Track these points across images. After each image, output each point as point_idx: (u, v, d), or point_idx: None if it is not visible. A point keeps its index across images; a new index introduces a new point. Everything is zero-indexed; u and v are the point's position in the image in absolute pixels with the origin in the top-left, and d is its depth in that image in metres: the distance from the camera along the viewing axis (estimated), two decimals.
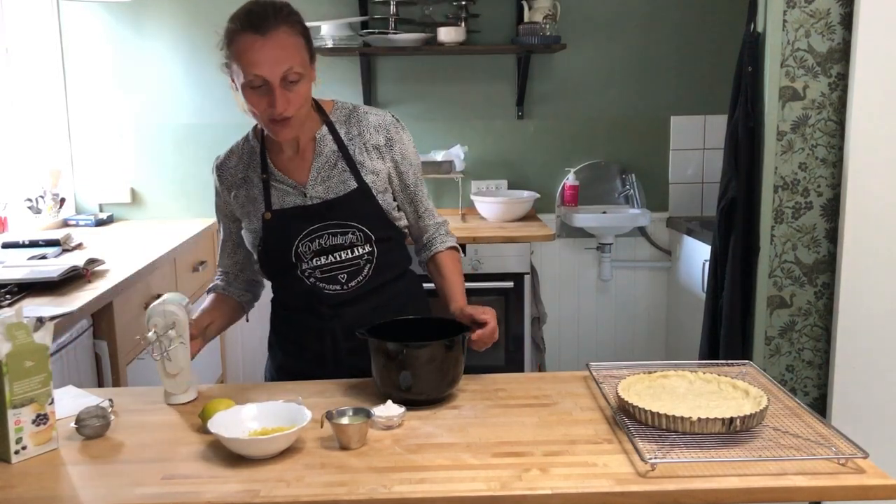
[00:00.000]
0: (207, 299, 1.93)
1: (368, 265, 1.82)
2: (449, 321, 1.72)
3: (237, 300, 1.94)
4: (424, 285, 1.99)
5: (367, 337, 1.61)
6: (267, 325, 1.95)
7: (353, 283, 1.81)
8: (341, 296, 1.80)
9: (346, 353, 1.83)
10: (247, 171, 1.85)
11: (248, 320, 2.00)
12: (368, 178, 1.80)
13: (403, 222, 1.89)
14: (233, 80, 1.73)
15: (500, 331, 1.74)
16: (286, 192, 1.81)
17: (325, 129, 1.82)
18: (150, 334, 1.63)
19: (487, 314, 1.70)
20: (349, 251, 1.79)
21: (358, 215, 1.78)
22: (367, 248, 1.81)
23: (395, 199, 1.87)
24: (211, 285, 1.96)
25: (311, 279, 1.80)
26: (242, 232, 1.88)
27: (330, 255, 1.79)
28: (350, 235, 1.79)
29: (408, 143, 1.87)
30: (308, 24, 3.61)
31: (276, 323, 1.96)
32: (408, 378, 1.56)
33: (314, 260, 1.79)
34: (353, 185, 1.79)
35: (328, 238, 1.79)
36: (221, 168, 1.88)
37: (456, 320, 1.73)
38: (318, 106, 1.85)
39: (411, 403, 1.56)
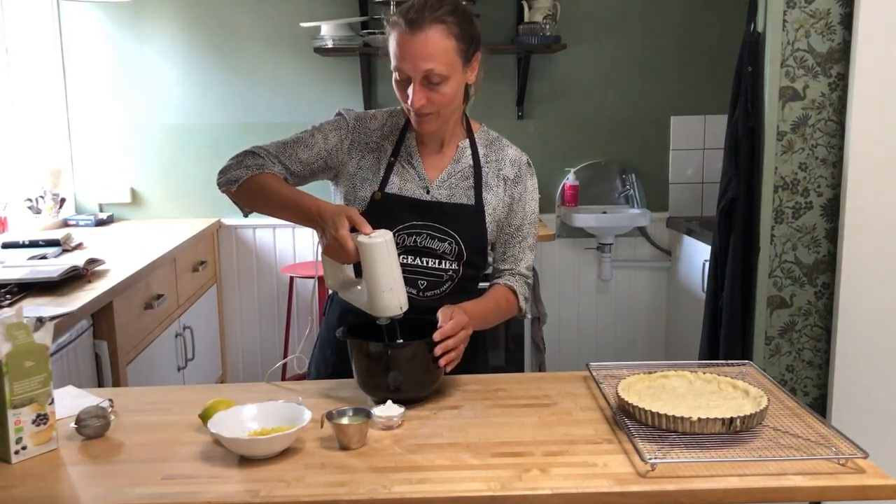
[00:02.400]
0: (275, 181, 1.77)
1: (450, 282, 1.79)
2: (423, 321, 1.70)
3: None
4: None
5: (347, 338, 1.61)
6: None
7: (429, 293, 1.78)
8: (412, 301, 1.67)
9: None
10: (382, 141, 1.81)
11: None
12: (489, 204, 1.80)
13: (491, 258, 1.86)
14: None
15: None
16: (409, 179, 1.79)
17: (467, 142, 1.84)
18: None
19: (448, 316, 1.61)
20: (438, 261, 1.77)
21: (463, 230, 1.77)
22: (455, 266, 1.78)
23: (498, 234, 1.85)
24: (259, 169, 1.79)
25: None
26: (335, 187, 1.86)
27: (419, 258, 1.77)
28: (447, 245, 1.77)
29: (530, 189, 1.85)
30: (308, 24, 3.59)
31: (334, 319, 1.88)
32: (396, 378, 1.56)
33: (402, 256, 1.74)
34: (472, 202, 1.79)
35: (426, 239, 1.76)
36: (360, 121, 1.82)
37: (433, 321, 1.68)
38: (467, 121, 1.85)
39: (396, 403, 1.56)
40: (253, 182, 1.76)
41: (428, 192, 1.79)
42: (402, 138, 1.81)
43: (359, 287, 1.67)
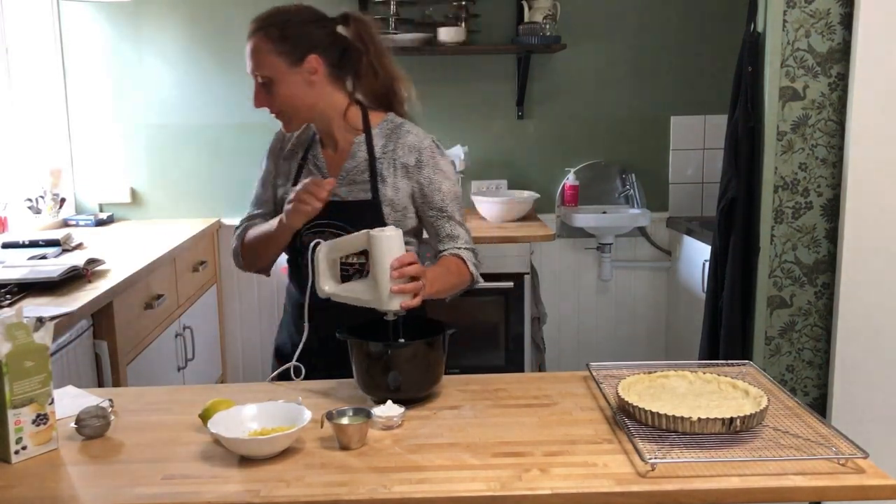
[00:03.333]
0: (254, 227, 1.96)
1: (357, 274, 1.83)
2: (424, 321, 1.72)
3: None
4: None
5: (348, 338, 1.61)
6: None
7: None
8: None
9: (317, 349, 1.83)
10: (297, 148, 1.95)
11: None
12: (387, 195, 1.85)
13: (410, 247, 1.86)
14: None
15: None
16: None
17: (362, 137, 1.88)
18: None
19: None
20: (344, 256, 1.81)
21: (360, 225, 1.79)
22: (362, 259, 1.81)
23: (419, 220, 1.90)
24: (242, 231, 2.01)
25: (307, 270, 1.83)
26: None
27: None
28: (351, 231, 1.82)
29: (442, 168, 1.88)
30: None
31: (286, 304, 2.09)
32: (396, 378, 1.57)
33: (301, 252, 1.87)
34: (368, 196, 1.85)
35: (329, 237, 1.83)
36: (282, 136, 1.98)
37: (432, 320, 1.73)
38: (364, 115, 1.90)
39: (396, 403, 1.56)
40: (243, 247, 1.99)
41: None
42: (312, 141, 1.94)
43: (359, 285, 1.68)
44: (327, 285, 1.72)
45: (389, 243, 1.61)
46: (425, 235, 2.00)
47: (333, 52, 1.84)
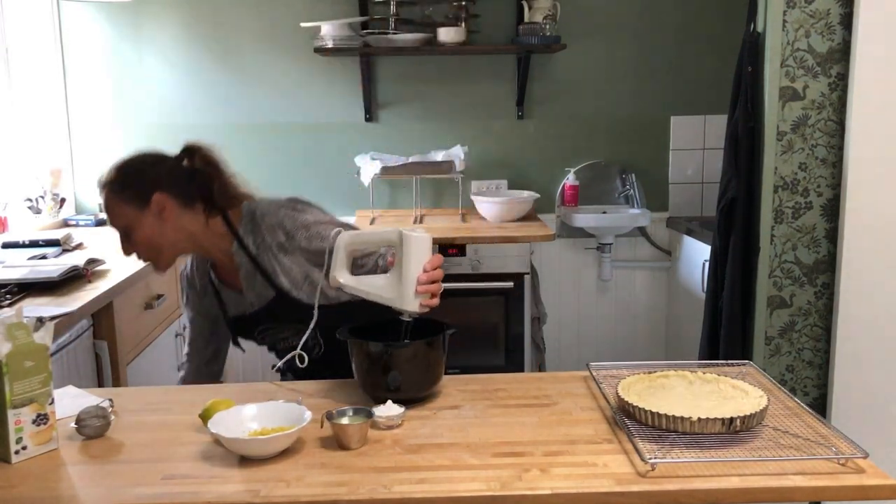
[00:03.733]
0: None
1: (318, 347, 1.89)
2: (422, 321, 1.71)
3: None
4: None
5: (348, 338, 1.62)
6: None
7: (314, 356, 1.86)
8: (310, 368, 1.82)
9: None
10: (203, 281, 2.03)
11: (244, 351, 2.17)
12: (285, 282, 1.86)
13: (333, 293, 1.84)
14: None
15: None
16: (234, 299, 1.97)
17: (236, 244, 1.88)
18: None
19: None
20: (295, 339, 1.82)
21: (286, 316, 1.89)
22: (311, 334, 1.79)
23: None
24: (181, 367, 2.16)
25: (277, 358, 1.97)
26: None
27: (279, 350, 1.98)
28: (286, 332, 1.93)
29: (308, 224, 1.85)
30: (308, 24, 3.63)
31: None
32: (396, 378, 1.57)
33: (271, 351, 2.03)
34: (272, 293, 1.88)
35: (272, 336, 1.97)
36: (185, 277, 2.06)
37: (431, 321, 1.73)
38: (227, 220, 1.89)
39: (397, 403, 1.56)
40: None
41: (247, 303, 1.93)
42: (207, 268, 2.00)
43: (380, 281, 1.67)
44: (342, 276, 1.71)
45: (420, 245, 1.61)
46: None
47: (179, 183, 1.85)
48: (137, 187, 1.85)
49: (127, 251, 1.86)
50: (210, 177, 1.87)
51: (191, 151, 1.89)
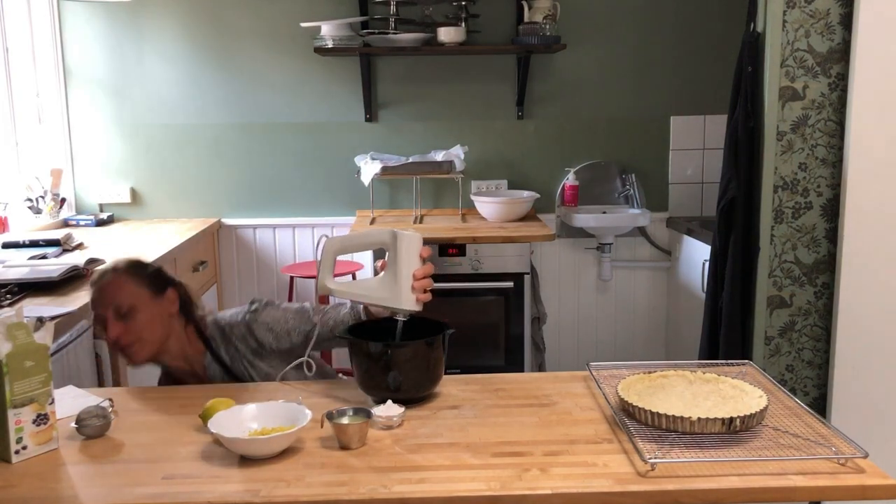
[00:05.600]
0: None
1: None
2: (422, 321, 1.72)
3: None
4: None
5: (349, 338, 1.62)
6: None
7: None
8: None
9: None
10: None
11: None
12: (259, 371, 1.91)
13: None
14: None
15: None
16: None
17: (209, 356, 1.93)
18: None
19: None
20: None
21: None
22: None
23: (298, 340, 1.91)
24: None
25: None
26: None
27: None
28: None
29: (269, 324, 1.90)
30: (308, 24, 3.66)
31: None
32: (396, 378, 1.57)
33: None
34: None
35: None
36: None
37: (431, 321, 1.74)
38: (200, 334, 1.94)
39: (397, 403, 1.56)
40: None
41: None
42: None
43: (372, 282, 1.67)
44: (330, 283, 1.71)
45: (413, 244, 1.62)
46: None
47: (183, 295, 1.95)
48: (158, 277, 1.94)
49: (113, 331, 1.83)
50: (188, 293, 1.98)
51: (180, 286, 1.98)
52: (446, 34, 3.60)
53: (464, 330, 1.76)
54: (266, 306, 1.94)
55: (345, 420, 1.45)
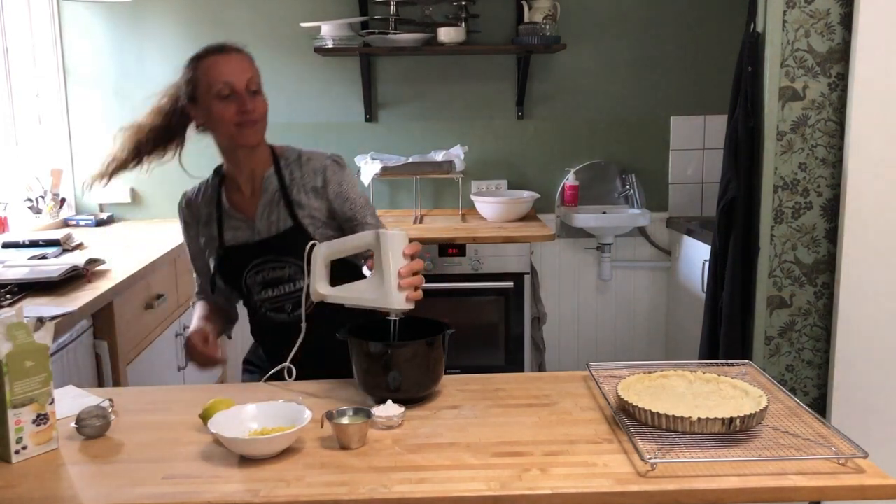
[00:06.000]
0: (199, 306, 2.09)
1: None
2: (422, 321, 1.72)
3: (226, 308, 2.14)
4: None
5: (346, 338, 1.62)
6: None
7: (297, 312, 1.86)
8: (287, 324, 1.92)
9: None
10: (209, 208, 2.02)
11: (230, 338, 2.18)
12: (305, 218, 1.93)
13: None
14: (193, 115, 1.98)
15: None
16: (238, 227, 1.98)
17: (272, 169, 1.97)
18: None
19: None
20: (290, 284, 1.94)
21: (293, 251, 1.87)
22: (303, 283, 1.81)
23: (341, 232, 1.96)
24: (197, 295, 2.14)
25: (262, 309, 1.99)
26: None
27: (275, 288, 1.95)
28: (287, 269, 1.93)
29: (344, 182, 1.98)
30: (308, 24, 3.65)
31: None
32: (396, 378, 1.57)
33: (263, 292, 1.97)
34: (290, 223, 1.93)
35: (269, 272, 1.95)
36: (190, 205, 2.07)
37: (431, 321, 1.73)
38: (271, 148, 2.00)
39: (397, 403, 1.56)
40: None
41: (254, 231, 1.96)
42: (219, 196, 2.01)
43: (362, 285, 1.67)
44: (323, 288, 1.71)
45: (396, 242, 1.62)
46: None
47: None
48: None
49: (250, 104, 1.87)
50: None
51: None
52: (446, 34, 3.60)
53: (464, 330, 1.76)
54: (347, 168, 2.01)
55: (345, 420, 1.45)
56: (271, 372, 1.81)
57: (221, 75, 1.86)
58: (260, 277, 1.96)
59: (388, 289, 1.60)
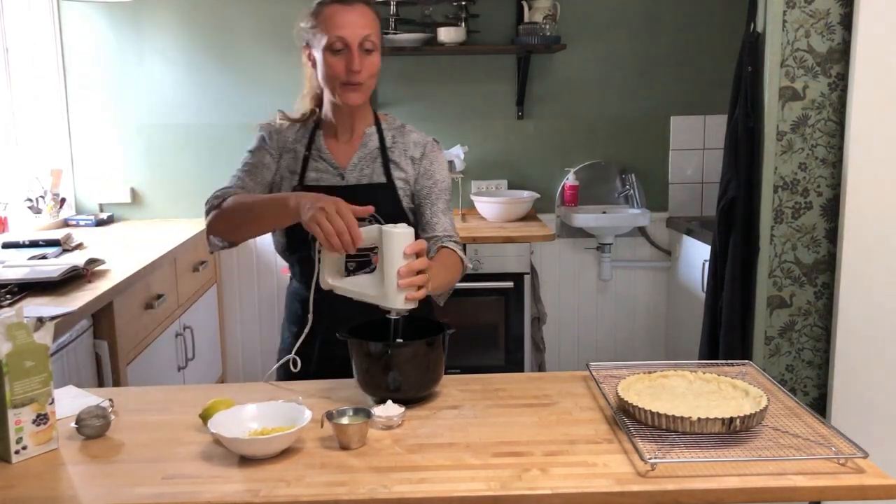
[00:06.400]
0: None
1: (362, 267, 1.84)
2: (422, 321, 1.71)
3: None
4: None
5: (347, 338, 1.61)
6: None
7: (358, 273, 1.82)
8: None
9: (321, 345, 1.86)
10: (296, 144, 1.95)
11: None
12: (398, 180, 1.91)
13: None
14: (309, 57, 1.89)
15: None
16: (324, 171, 1.91)
17: (373, 127, 1.95)
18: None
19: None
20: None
21: (378, 207, 1.80)
22: (366, 255, 1.81)
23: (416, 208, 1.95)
24: (227, 194, 1.88)
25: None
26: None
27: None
28: (366, 223, 1.78)
29: (438, 162, 1.96)
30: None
31: (289, 308, 2.04)
32: (396, 378, 1.56)
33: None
34: (383, 179, 1.90)
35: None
36: (278, 130, 1.98)
37: (432, 322, 1.72)
38: (374, 112, 1.98)
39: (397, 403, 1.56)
40: (230, 203, 1.83)
41: (342, 178, 1.91)
42: (313, 136, 1.95)
43: (365, 279, 1.67)
44: (331, 277, 1.71)
45: (400, 241, 1.59)
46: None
47: None
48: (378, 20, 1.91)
49: (358, 64, 1.79)
50: None
51: None
52: (446, 34, 3.60)
53: (464, 330, 1.76)
54: (443, 152, 1.98)
55: (345, 420, 1.45)
56: (278, 364, 1.80)
57: (337, 28, 1.79)
58: None
59: (388, 287, 1.60)
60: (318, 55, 1.84)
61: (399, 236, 1.60)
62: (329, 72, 1.82)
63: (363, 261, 1.85)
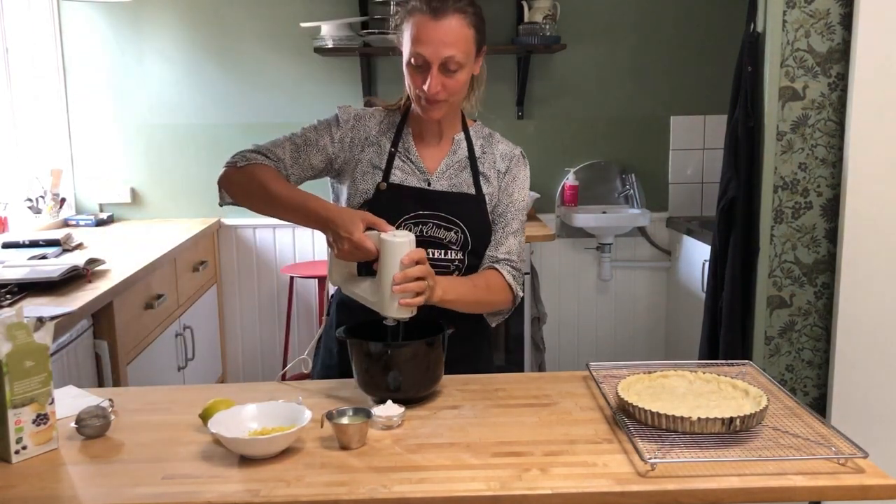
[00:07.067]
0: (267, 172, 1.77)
1: (456, 272, 1.80)
2: (422, 321, 1.69)
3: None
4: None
5: (345, 338, 1.61)
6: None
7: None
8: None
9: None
10: (380, 136, 1.86)
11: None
12: (487, 193, 1.84)
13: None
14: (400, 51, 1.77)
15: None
16: (409, 172, 1.82)
17: (463, 135, 1.89)
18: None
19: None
20: (444, 251, 1.78)
21: (466, 218, 1.79)
22: (460, 256, 1.79)
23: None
24: (256, 160, 1.80)
25: None
26: (337, 184, 1.89)
27: (425, 249, 1.68)
28: (452, 233, 1.78)
29: (520, 179, 1.88)
30: (308, 24, 3.62)
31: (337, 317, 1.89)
32: (396, 378, 1.56)
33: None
34: (473, 191, 1.83)
35: (432, 228, 1.78)
36: (360, 118, 1.89)
37: (431, 322, 1.69)
38: (462, 117, 1.91)
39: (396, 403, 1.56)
40: (257, 171, 1.76)
41: (429, 184, 1.82)
42: (400, 132, 1.86)
43: (367, 284, 1.67)
44: (339, 276, 1.71)
45: (396, 250, 1.58)
46: None
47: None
48: (482, 29, 1.81)
49: (433, 86, 1.68)
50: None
51: None
52: None
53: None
54: (527, 167, 1.90)
55: (345, 420, 1.45)
56: (290, 364, 1.80)
57: (419, 43, 1.68)
58: (418, 230, 1.75)
59: (382, 295, 1.60)
60: (404, 56, 1.74)
61: (397, 245, 1.59)
62: (409, 82, 1.74)
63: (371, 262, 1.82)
